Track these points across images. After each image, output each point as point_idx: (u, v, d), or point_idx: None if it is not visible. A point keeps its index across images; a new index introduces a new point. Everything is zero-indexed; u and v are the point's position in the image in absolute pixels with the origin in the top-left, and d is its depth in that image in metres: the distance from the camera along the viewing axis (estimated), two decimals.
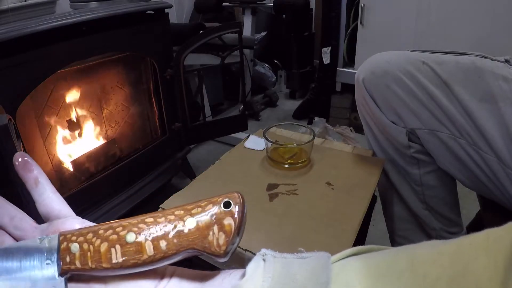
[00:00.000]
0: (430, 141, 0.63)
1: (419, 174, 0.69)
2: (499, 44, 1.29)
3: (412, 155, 0.67)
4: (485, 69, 0.56)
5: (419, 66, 0.60)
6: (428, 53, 0.62)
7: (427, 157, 0.67)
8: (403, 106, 0.63)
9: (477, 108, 0.56)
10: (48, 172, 0.94)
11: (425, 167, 0.68)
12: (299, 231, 0.54)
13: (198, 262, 0.52)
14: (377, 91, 0.65)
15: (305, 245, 0.51)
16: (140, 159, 1.13)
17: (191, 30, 1.46)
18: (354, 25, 1.69)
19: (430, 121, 0.61)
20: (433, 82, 0.59)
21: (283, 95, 2.30)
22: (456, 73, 0.57)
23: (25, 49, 0.76)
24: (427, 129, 0.62)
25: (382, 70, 0.63)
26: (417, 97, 0.61)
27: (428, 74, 0.59)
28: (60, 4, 1.10)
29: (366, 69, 0.66)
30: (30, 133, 0.88)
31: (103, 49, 0.96)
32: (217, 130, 1.32)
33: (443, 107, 0.59)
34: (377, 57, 0.66)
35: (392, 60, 0.63)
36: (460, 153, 0.60)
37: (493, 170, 0.57)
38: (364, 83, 0.66)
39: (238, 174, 0.68)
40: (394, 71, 0.62)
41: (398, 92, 0.62)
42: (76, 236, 0.27)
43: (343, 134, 1.59)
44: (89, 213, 0.97)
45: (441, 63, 0.59)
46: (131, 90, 1.15)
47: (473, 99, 0.56)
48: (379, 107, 0.66)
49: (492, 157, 0.56)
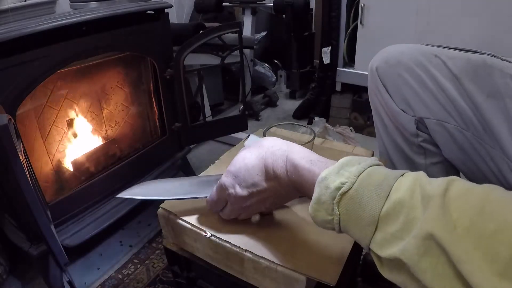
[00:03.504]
0: (438, 131, 0.65)
1: (425, 165, 0.71)
2: (499, 44, 1.29)
3: (420, 144, 0.69)
4: (495, 67, 0.57)
5: (431, 59, 0.62)
6: (441, 48, 0.64)
7: (434, 147, 0.69)
8: (413, 95, 0.65)
9: (485, 103, 0.58)
10: (48, 172, 0.94)
11: (432, 157, 0.70)
12: (299, 231, 0.54)
13: None
14: (390, 79, 0.67)
15: (305, 245, 0.51)
16: (140, 159, 1.13)
17: (191, 30, 1.46)
18: (354, 25, 1.69)
19: (438, 111, 0.63)
20: (443, 75, 0.61)
21: (283, 95, 2.30)
22: (467, 69, 0.59)
23: (25, 49, 0.76)
24: (435, 119, 0.64)
25: (395, 60, 0.66)
26: (428, 87, 0.63)
27: (440, 66, 0.61)
28: (60, 4, 1.10)
29: (380, 58, 0.69)
30: (30, 133, 0.88)
31: (103, 49, 0.96)
32: (217, 130, 1.32)
33: (452, 98, 0.61)
34: (392, 48, 0.69)
35: (406, 51, 0.66)
36: (465, 145, 0.62)
37: (497, 163, 0.58)
38: (378, 71, 0.69)
39: None
40: (407, 61, 0.64)
41: (410, 81, 0.64)
42: None
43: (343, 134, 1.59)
44: (89, 213, 0.97)
45: (453, 57, 0.61)
46: (131, 90, 1.15)
47: (481, 94, 0.58)
48: (390, 95, 0.68)
49: (497, 150, 0.58)
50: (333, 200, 0.37)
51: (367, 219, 0.34)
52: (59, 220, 0.90)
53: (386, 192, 0.34)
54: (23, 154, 0.68)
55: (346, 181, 0.36)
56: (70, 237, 0.90)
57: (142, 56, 1.12)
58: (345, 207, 0.36)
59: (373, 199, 0.34)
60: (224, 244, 0.52)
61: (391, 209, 0.33)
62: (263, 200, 0.49)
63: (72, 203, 0.93)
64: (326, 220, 0.38)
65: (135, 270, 1.01)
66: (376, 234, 0.34)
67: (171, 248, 0.64)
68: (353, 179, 0.36)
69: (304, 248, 0.51)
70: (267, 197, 0.49)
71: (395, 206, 0.33)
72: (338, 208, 0.37)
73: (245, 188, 0.48)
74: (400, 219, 0.33)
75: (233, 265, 0.54)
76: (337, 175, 0.37)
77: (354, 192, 0.36)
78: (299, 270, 0.47)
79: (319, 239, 0.52)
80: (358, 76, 1.71)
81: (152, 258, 1.05)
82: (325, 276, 0.46)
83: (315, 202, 0.39)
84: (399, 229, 0.32)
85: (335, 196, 0.36)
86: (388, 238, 0.33)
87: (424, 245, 0.30)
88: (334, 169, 0.38)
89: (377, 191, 0.34)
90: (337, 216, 0.37)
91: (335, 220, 0.37)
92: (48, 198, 0.90)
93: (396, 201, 0.33)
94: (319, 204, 0.38)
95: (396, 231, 0.33)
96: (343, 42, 1.73)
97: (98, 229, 0.93)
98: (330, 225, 0.38)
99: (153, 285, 0.96)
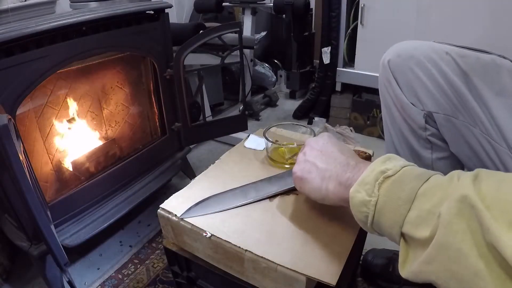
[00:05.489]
0: (445, 126, 0.66)
1: (431, 159, 0.72)
2: (499, 44, 1.29)
3: (427, 137, 0.70)
4: (504, 67, 0.59)
5: (443, 56, 0.64)
6: (452, 46, 0.66)
7: (441, 142, 0.70)
8: (423, 89, 0.66)
9: (493, 100, 0.59)
10: (48, 172, 0.94)
11: (438, 152, 0.71)
12: (299, 231, 0.54)
13: None
14: (401, 72, 0.69)
15: (305, 245, 0.51)
16: (140, 159, 1.13)
17: (191, 30, 1.46)
18: (354, 25, 1.69)
19: (447, 106, 0.64)
20: (454, 72, 0.63)
21: (283, 95, 2.30)
22: (476, 67, 0.61)
23: (25, 49, 0.76)
24: (443, 114, 0.65)
25: (408, 54, 0.68)
26: (438, 82, 0.64)
27: (450, 63, 0.63)
28: (60, 4, 1.10)
29: (393, 52, 0.71)
30: (30, 133, 0.88)
31: (103, 49, 0.96)
32: (217, 130, 1.32)
33: (461, 94, 0.62)
34: (405, 43, 0.71)
35: (419, 47, 0.68)
36: (472, 141, 0.63)
37: (503, 160, 0.59)
38: (389, 64, 0.70)
39: (238, 174, 0.68)
40: (418, 56, 0.66)
41: (420, 75, 0.66)
42: None
43: (343, 134, 1.59)
44: (89, 213, 0.97)
45: (463, 56, 0.62)
46: (131, 90, 1.15)
47: (490, 91, 0.59)
48: (401, 89, 0.69)
49: (504, 147, 0.59)
50: (376, 182, 0.39)
51: (404, 198, 0.36)
52: (59, 220, 0.90)
53: (426, 178, 0.37)
54: (23, 154, 0.68)
55: (391, 168, 0.39)
56: (70, 237, 0.90)
57: (142, 56, 1.12)
58: (385, 189, 0.38)
59: (413, 182, 0.37)
60: (224, 244, 0.52)
61: (429, 188, 0.36)
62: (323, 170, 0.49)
63: (72, 203, 0.93)
64: (364, 201, 0.40)
65: (135, 270, 1.01)
66: (411, 213, 0.36)
67: (171, 248, 0.64)
68: (398, 168, 0.39)
69: (304, 248, 0.51)
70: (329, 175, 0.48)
71: (433, 186, 0.36)
72: (379, 190, 0.39)
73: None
74: (438, 195, 0.35)
75: (233, 265, 0.54)
76: (382, 164, 0.41)
77: (397, 177, 0.38)
78: (299, 270, 0.47)
79: (319, 239, 0.52)
80: (358, 76, 1.71)
81: (152, 258, 1.05)
82: (325, 276, 0.46)
83: (358, 183, 0.41)
84: (436, 204, 0.34)
85: (379, 178, 0.39)
86: (423, 216, 0.35)
87: (458, 206, 0.31)
88: (380, 159, 0.42)
89: (418, 177, 0.37)
90: (375, 197, 0.39)
91: (372, 202, 0.39)
92: (48, 198, 0.90)
93: (434, 182, 0.36)
94: (361, 184, 0.40)
95: (432, 207, 0.34)
96: (343, 42, 1.73)
97: (98, 229, 0.93)
98: (366, 208, 0.40)
99: (153, 285, 0.96)
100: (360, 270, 0.96)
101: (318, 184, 0.48)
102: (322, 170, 0.48)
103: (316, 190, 0.49)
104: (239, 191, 0.62)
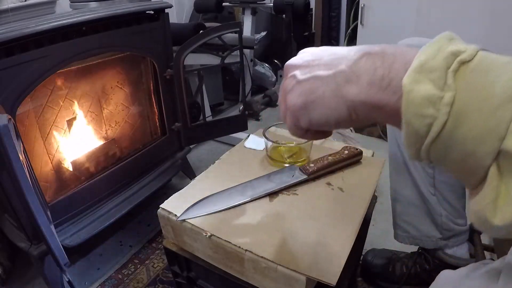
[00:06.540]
0: None
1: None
2: (500, 44, 1.29)
3: None
4: None
5: None
6: None
7: None
8: None
9: None
10: (48, 172, 0.94)
11: None
12: (299, 231, 0.54)
13: None
14: None
15: (305, 245, 0.51)
16: (140, 159, 1.13)
17: (191, 30, 1.46)
18: (354, 25, 1.69)
19: None
20: None
21: None
22: None
23: (25, 49, 0.76)
24: None
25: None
26: None
27: None
28: (60, 4, 1.10)
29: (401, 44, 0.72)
30: (30, 133, 0.87)
31: (103, 49, 0.96)
32: (217, 130, 1.32)
33: None
34: (405, 41, 0.74)
35: (419, 45, 0.69)
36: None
37: None
38: None
39: (238, 174, 0.68)
40: None
41: None
42: None
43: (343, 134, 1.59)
44: (89, 213, 0.97)
45: None
46: (131, 90, 1.15)
47: None
48: None
49: None
50: (448, 69, 0.25)
51: (501, 94, 0.23)
52: (59, 220, 0.90)
53: None
54: (23, 154, 0.68)
55: (464, 49, 0.25)
56: (70, 237, 0.90)
57: (142, 56, 1.12)
58: (465, 80, 0.24)
59: (508, 71, 0.24)
60: (224, 244, 0.52)
61: None
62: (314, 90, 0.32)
63: (72, 203, 0.93)
64: (431, 98, 0.25)
65: (135, 270, 1.01)
66: None
67: (171, 248, 0.64)
68: (473, 51, 0.25)
69: (304, 248, 0.51)
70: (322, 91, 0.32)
71: None
72: (455, 81, 0.25)
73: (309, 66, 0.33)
74: None
75: (233, 265, 0.54)
76: (450, 42, 0.27)
77: (478, 63, 0.25)
78: (299, 270, 0.47)
79: (319, 238, 0.52)
80: None
81: (152, 258, 1.05)
82: (325, 276, 0.46)
83: (416, 69, 0.26)
84: None
85: (451, 63, 0.25)
86: None
87: None
88: (442, 36, 0.27)
89: (510, 64, 0.24)
90: (452, 91, 0.24)
91: (445, 99, 0.24)
92: (48, 198, 0.90)
93: None
94: (423, 72, 0.25)
95: None
96: (343, 42, 1.73)
97: (98, 229, 0.93)
98: (433, 109, 0.25)
99: (153, 285, 0.96)
100: (360, 270, 0.96)
101: (328, 99, 0.31)
102: (330, 77, 0.31)
103: (327, 109, 0.32)
104: (236, 190, 0.62)
